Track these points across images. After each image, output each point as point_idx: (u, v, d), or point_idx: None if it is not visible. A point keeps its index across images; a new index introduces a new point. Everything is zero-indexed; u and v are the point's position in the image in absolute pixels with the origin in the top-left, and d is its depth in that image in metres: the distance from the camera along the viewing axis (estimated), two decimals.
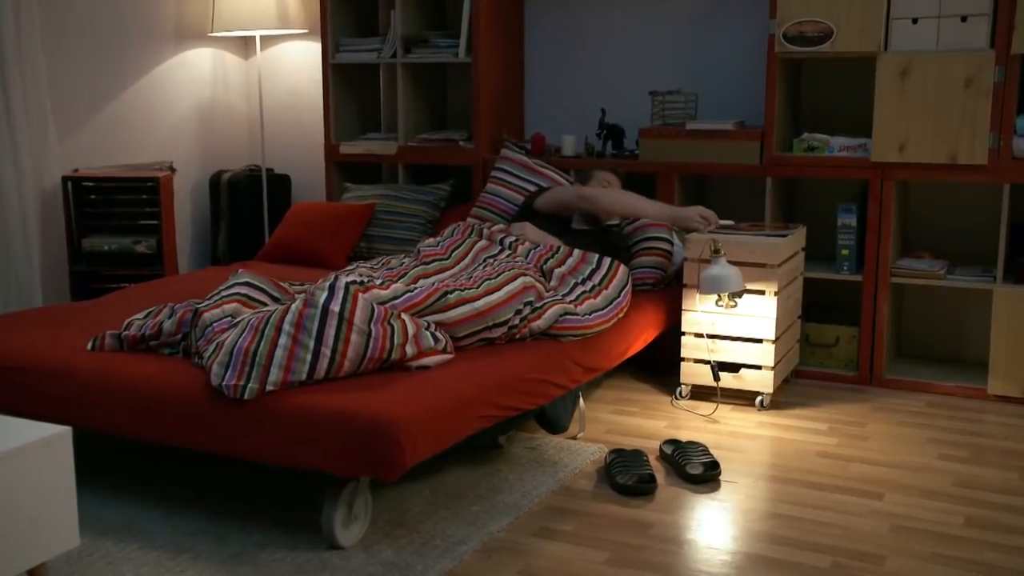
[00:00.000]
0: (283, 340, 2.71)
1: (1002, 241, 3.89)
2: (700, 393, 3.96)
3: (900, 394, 4.02)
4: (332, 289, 2.80)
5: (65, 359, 3.00)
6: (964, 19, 3.81)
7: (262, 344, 2.71)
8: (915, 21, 3.87)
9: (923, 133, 3.89)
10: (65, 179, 4.49)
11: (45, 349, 3.08)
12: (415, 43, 4.78)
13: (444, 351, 2.97)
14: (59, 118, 4.54)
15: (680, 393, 3.94)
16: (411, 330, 2.89)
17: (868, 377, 4.12)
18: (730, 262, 3.69)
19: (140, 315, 3.20)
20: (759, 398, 3.83)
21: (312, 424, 2.58)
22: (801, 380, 4.19)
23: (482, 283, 3.24)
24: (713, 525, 2.86)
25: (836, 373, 4.19)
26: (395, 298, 3.03)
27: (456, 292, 3.14)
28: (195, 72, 5.28)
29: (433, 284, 3.25)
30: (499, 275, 3.30)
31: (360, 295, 2.83)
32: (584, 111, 4.85)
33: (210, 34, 5.20)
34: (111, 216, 4.57)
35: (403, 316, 2.92)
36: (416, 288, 3.12)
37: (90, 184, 4.53)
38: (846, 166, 4.06)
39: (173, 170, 4.94)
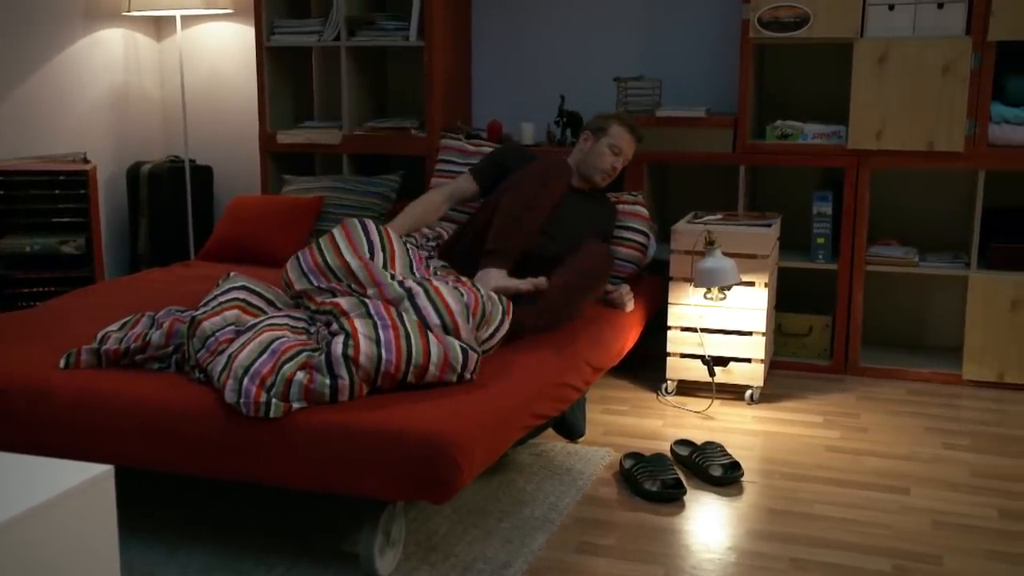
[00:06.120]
0: (299, 376, 2.45)
1: (976, 227, 3.90)
2: (685, 388, 3.85)
3: (877, 382, 4.00)
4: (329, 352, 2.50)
5: (38, 378, 2.62)
6: (940, 5, 3.79)
7: (278, 380, 2.43)
8: (891, 7, 3.84)
9: (900, 120, 3.86)
10: None
11: (9, 367, 2.71)
12: (359, 25, 4.49)
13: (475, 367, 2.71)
14: None
15: (665, 389, 3.81)
16: (436, 355, 2.57)
17: (843, 366, 4.09)
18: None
19: (114, 326, 2.86)
20: (749, 392, 3.74)
21: (355, 444, 2.32)
22: (776, 371, 4.12)
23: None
24: (758, 531, 2.73)
25: (810, 363, 4.14)
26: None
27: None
28: (107, 55, 4.85)
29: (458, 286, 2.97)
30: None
31: (361, 346, 2.50)
32: (538, 97, 4.66)
33: (125, 13, 4.77)
34: (27, 214, 4.14)
35: (430, 339, 2.60)
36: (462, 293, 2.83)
37: (1, 179, 4.09)
38: (822, 153, 4.00)
39: (87, 162, 4.52)
